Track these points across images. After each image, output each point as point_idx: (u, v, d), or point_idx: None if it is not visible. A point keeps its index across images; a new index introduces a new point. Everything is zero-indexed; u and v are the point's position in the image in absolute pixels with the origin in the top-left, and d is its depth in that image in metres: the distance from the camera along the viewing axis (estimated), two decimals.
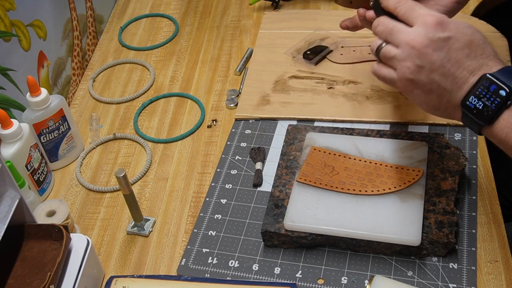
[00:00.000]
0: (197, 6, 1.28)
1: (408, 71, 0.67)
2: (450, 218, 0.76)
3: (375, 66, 0.72)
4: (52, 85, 1.06)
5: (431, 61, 0.66)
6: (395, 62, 0.69)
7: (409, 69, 0.67)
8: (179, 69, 1.12)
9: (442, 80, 0.66)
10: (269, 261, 0.79)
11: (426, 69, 0.66)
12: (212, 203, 0.87)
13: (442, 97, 0.67)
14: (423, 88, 0.67)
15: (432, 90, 0.67)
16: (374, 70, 0.73)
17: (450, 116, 0.69)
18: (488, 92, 0.64)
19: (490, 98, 0.64)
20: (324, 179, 0.82)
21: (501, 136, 0.64)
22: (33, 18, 0.99)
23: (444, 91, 0.67)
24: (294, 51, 1.09)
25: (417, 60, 0.66)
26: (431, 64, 0.66)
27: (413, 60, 0.66)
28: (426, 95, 0.68)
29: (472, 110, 0.65)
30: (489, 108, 0.64)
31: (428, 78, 0.66)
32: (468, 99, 0.65)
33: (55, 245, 0.72)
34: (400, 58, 0.68)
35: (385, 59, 0.70)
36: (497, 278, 0.74)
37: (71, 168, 0.97)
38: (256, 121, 0.98)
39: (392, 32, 0.69)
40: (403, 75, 0.68)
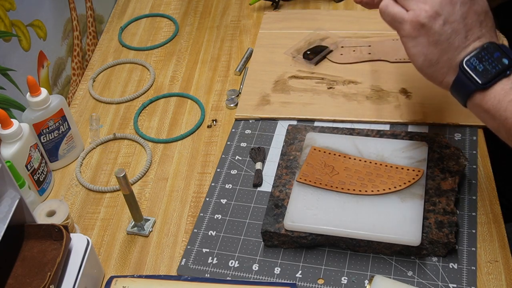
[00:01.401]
0: (197, 6, 1.28)
1: (424, 14, 0.65)
2: (450, 218, 0.76)
3: (386, 1, 0.69)
4: (52, 85, 1.06)
5: (450, 11, 0.65)
6: (412, 3, 0.66)
7: (427, 12, 0.65)
8: (179, 69, 1.12)
9: (452, 34, 0.65)
10: (269, 261, 0.79)
11: (443, 18, 0.65)
12: (212, 203, 0.87)
13: (445, 53, 0.66)
14: (431, 37, 0.66)
15: (438, 42, 0.66)
16: (385, 5, 0.69)
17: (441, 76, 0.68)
18: (491, 58, 0.64)
19: (492, 63, 0.64)
20: (324, 179, 0.82)
21: (492, 102, 0.64)
22: (33, 18, 0.99)
23: (449, 46, 0.66)
24: (294, 51, 1.09)
25: (438, 5, 0.65)
26: (449, 15, 0.65)
27: (434, 5, 0.65)
28: (429, 46, 0.66)
29: (471, 71, 0.65)
30: (488, 72, 0.64)
31: (440, 27, 0.65)
32: (469, 60, 0.65)
33: (55, 245, 0.72)
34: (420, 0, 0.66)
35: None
36: (497, 278, 0.74)
37: (71, 168, 0.97)
38: (256, 121, 0.98)
39: None
40: (416, 18, 0.66)
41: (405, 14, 0.67)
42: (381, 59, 1.05)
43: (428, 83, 0.99)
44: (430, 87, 0.99)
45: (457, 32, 0.65)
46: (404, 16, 0.67)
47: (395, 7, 0.68)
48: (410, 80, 1.00)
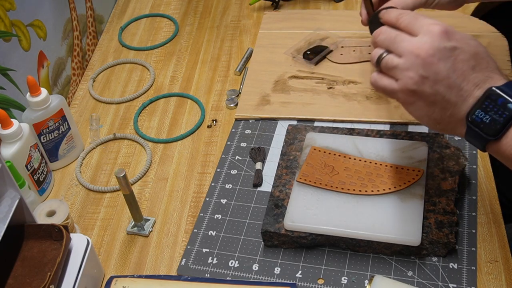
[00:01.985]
0: (197, 6, 1.28)
1: (411, 82, 0.64)
2: (450, 218, 0.76)
3: (374, 76, 0.69)
4: (52, 85, 1.06)
5: (436, 71, 0.63)
6: (397, 72, 0.66)
7: (412, 79, 0.64)
8: (179, 69, 1.12)
9: (447, 91, 0.63)
10: (269, 261, 0.79)
11: (431, 79, 0.63)
12: (212, 203, 0.87)
13: (446, 110, 0.65)
14: (426, 99, 0.65)
15: (436, 102, 0.64)
16: (374, 80, 0.70)
17: (452, 131, 0.67)
18: (496, 106, 0.61)
19: (498, 112, 0.61)
20: (324, 179, 0.82)
21: (509, 151, 0.62)
22: (33, 18, 0.99)
23: (448, 103, 0.64)
24: (294, 51, 1.09)
25: (421, 69, 0.63)
26: (436, 74, 0.63)
27: (417, 70, 0.64)
28: (429, 108, 0.65)
29: (478, 124, 0.63)
30: (497, 122, 0.61)
31: (432, 89, 0.64)
32: (474, 113, 0.63)
33: (55, 245, 0.72)
34: (403, 68, 0.65)
35: (387, 69, 0.67)
36: (497, 278, 0.74)
37: (71, 168, 0.97)
38: (256, 121, 0.98)
39: (395, 41, 0.66)
40: (405, 86, 0.65)
41: (395, 85, 0.67)
42: None
43: None
44: None
45: (451, 87, 0.63)
46: (394, 87, 0.67)
47: (384, 80, 0.68)
48: None
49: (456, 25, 1.09)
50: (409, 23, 0.66)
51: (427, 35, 0.64)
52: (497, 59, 1.02)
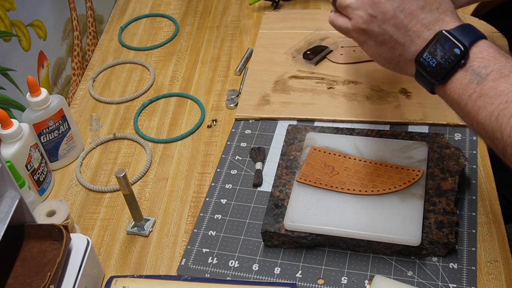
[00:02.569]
0: (197, 6, 1.28)
1: (361, 21, 0.66)
2: (450, 218, 0.76)
3: (331, 16, 0.72)
4: (52, 85, 1.06)
5: (383, 11, 0.64)
6: (349, 11, 0.68)
7: (362, 18, 0.66)
8: (179, 69, 1.12)
9: (394, 31, 0.64)
10: (269, 261, 0.79)
11: (379, 18, 0.65)
12: (212, 203, 0.87)
13: (395, 50, 0.65)
14: (376, 38, 0.66)
15: (384, 42, 0.66)
16: (331, 20, 0.72)
17: (403, 70, 0.67)
18: (443, 49, 0.61)
19: (444, 56, 0.61)
20: (324, 179, 0.82)
21: (453, 96, 0.62)
22: (33, 18, 0.99)
23: (396, 43, 0.65)
24: (294, 51, 1.09)
25: (369, 9, 0.65)
26: (383, 14, 0.64)
27: (366, 9, 0.66)
28: (379, 47, 0.67)
29: (425, 67, 0.63)
30: (442, 66, 0.62)
31: (380, 28, 0.65)
32: (422, 56, 0.63)
33: (55, 245, 0.72)
34: (354, 7, 0.67)
35: (341, 8, 0.70)
36: (497, 278, 0.74)
37: (71, 168, 0.97)
38: (256, 121, 0.98)
39: None
40: (356, 25, 0.67)
41: (348, 24, 0.69)
42: None
43: None
44: None
45: (398, 27, 0.64)
46: (348, 26, 0.69)
47: (339, 19, 0.71)
48: (410, 80, 0.99)
49: None
50: None
51: None
52: None
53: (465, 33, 0.61)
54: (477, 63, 0.60)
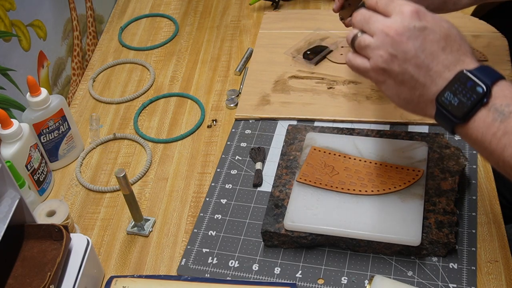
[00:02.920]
0: (197, 6, 1.28)
1: (381, 60, 0.66)
2: (450, 218, 0.76)
3: (349, 56, 0.71)
4: (52, 85, 1.06)
5: (404, 50, 0.64)
6: (368, 51, 0.67)
7: (382, 57, 0.66)
8: (179, 69, 1.12)
9: (415, 71, 0.64)
10: (269, 261, 0.79)
11: (399, 58, 0.64)
12: (212, 203, 0.87)
13: (415, 90, 0.65)
14: (396, 78, 0.66)
15: (405, 82, 0.65)
16: (348, 60, 0.71)
17: (422, 111, 0.67)
18: (465, 88, 0.62)
19: (466, 95, 0.61)
20: (324, 179, 0.82)
21: (476, 136, 0.62)
22: (33, 18, 0.99)
23: (416, 83, 0.65)
24: (294, 51, 1.09)
25: (390, 48, 0.65)
26: (404, 53, 0.64)
27: (387, 48, 0.65)
28: (398, 87, 0.66)
29: (447, 106, 0.63)
30: (464, 105, 0.62)
31: (400, 67, 0.65)
32: (443, 95, 0.63)
33: (55, 245, 0.72)
34: (374, 46, 0.66)
35: (360, 48, 0.69)
36: (497, 278, 0.74)
37: (71, 168, 0.97)
38: (256, 121, 0.98)
39: (369, 21, 0.67)
40: (376, 64, 0.66)
41: (367, 64, 0.68)
42: None
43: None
44: None
45: (420, 67, 0.64)
46: (366, 66, 0.68)
47: (357, 59, 0.69)
48: None
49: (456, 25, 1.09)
50: (385, 5, 0.67)
51: (398, 15, 0.65)
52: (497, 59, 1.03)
53: (486, 73, 0.62)
54: (500, 101, 0.61)
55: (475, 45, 1.04)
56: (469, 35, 1.07)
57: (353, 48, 0.70)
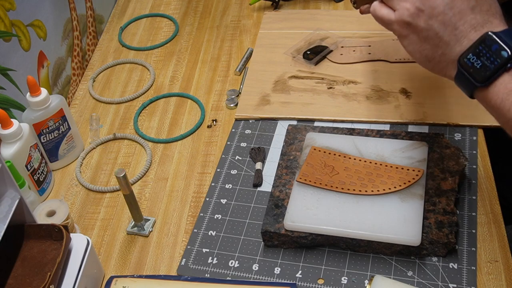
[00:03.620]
0: (197, 6, 1.28)
1: (407, 13, 0.64)
2: (450, 218, 0.76)
3: (374, 5, 0.69)
4: (52, 85, 1.06)
5: (432, 5, 0.62)
6: (395, 2, 0.65)
7: (408, 10, 0.64)
8: (179, 69, 1.12)
9: (441, 28, 0.62)
10: (269, 261, 0.79)
11: (426, 13, 0.63)
12: (212, 203, 0.87)
13: (438, 48, 0.63)
14: (419, 34, 0.64)
15: (428, 38, 0.63)
16: (373, 9, 0.69)
17: (442, 71, 0.65)
18: (489, 51, 0.59)
19: (490, 58, 0.59)
20: (324, 179, 0.82)
21: (495, 101, 0.60)
22: (33, 18, 0.99)
23: (440, 41, 0.63)
24: (294, 51, 1.09)
25: (417, 2, 0.63)
26: (432, 9, 0.62)
27: (414, 2, 0.63)
28: (421, 43, 0.64)
29: (468, 68, 0.61)
30: (487, 68, 0.60)
31: (426, 23, 0.63)
32: (466, 56, 0.61)
33: (55, 245, 0.72)
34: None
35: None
36: (497, 278, 0.74)
37: (71, 168, 0.97)
38: (256, 121, 0.98)
39: None
40: (401, 17, 0.65)
41: (392, 15, 0.66)
42: (381, 59, 1.05)
43: (428, 83, 1.00)
44: (430, 87, 0.99)
45: (445, 25, 0.62)
46: (391, 17, 0.67)
47: (382, 9, 0.68)
48: (410, 80, 1.00)
49: None
50: None
51: None
52: None
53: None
54: None
55: None
56: None
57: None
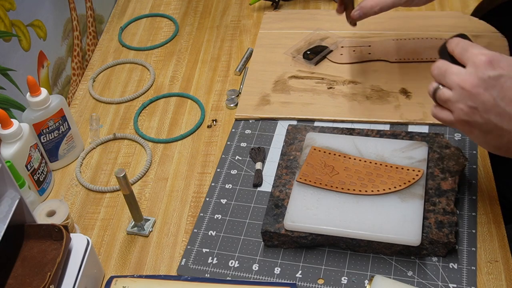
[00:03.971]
0: (197, 6, 1.28)
1: (462, 113, 0.67)
2: (450, 218, 0.76)
3: (433, 110, 0.72)
4: (52, 85, 1.06)
5: (483, 101, 0.65)
6: (449, 104, 0.68)
7: (463, 110, 0.66)
8: (179, 69, 1.12)
9: (498, 120, 0.65)
10: (269, 261, 0.79)
11: (480, 109, 0.65)
12: (212, 203, 0.87)
13: (502, 137, 0.66)
14: (481, 128, 0.66)
15: (490, 131, 0.66)
16: (433, 114, 0.72)
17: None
18: None
19: None
20: (324, 179, 0.82)
21: None
22: (33, 18, 0.99)
23: (502, 131, 0.65)
24: (294, 51, 1.09)
25: (469, 101, 0.65)
26: (483, 104, 0.65)
27: (466, 102, 0.66)
28: (486, 135, 0.67)
29: None
30: None
31: (483, 118, 0.65)
32: None
33: (55, 245, 0.72)
34: (453, 100, 0.67)
35: (441, 101, 0.70)
36: (497, 278, 0.74)
37: (71, 168, 0.97)
38: (256, 121, 0.98)
39: (446, 74, 0.68)
40: (459, 117, 0.67)
41: (451, 117, 0.69)
42: (381, 59, 1.05)
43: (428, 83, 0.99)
44: None
45: (502, 115, 0.64)
46: (451, 119, 0.69)
47: (441, 113, 0.71)
48: (410, 80, 1.00)
49: (456, 25, 1.10)
50: (460, 53, 0.68)
51: (472, 67, 0.65)
52: None
53: None
54: None
55: None
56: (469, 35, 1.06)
57: (435, 101, 0.71)
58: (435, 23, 1.10)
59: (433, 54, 1.03)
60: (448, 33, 1.07)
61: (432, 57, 1.03)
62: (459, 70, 0.67)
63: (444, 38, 1.06)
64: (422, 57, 1.03)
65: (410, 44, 1.06)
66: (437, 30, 1.09)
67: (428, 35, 1.08)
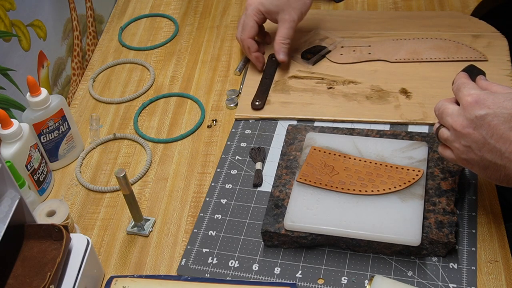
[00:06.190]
0: (197, 6, 1.28)
1: (459, 152, 0.70)
2: (450, 218, 0.76)
3: (439, 148, 0.76)
4: (52, 85, 1.06)
5: (474, 140, 0.68)
6: (448, 143, 0.72)
7: (459, 149, 0.70)
8: (179, 69, 1.12)
9: (491, 156, 0.67)
10: (269, 261, 0.79)
11: (473, 148, 0.68)
12: (212, 203, 0.87)
13: (499, 172, 0.69)
14: (479, 164, 0.69)
15: (487, 166, 0.69)
16: (440, 152, 0.76)
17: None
18: None
19: None
20: (324, 179, 0.82)
21: None
22: (33, 18, 0.99)
23: (497, 166, 0.68)
24: (293, 51, 1.08)
25: (462, 140, 0.69)
26: (476, 143, 0.68)
27: (460, 141, 0.69)
28: (484, 171, 0.70)
29: None
30: None
31: (477, 156, 0.68)
32: None
33: (55, 245, 0.72)
34: (451, 140, 0.71)
35: (443, 140, 0.73)
36: (497, 278, 0.74)
37: (71, 168, 0.97)
38: (256, 121, 0.98)
39: (442, 116, 0.72)
40: (458, 155, 0.71)
41: (453, 155, 0.73)
42: (381, 59, 1.05)
43: (428, 83, 1.00)
44: (430, 87, 0.99)
45: (493, 152, 0.67)
46: (453, 157, 0.73)
47: (445, 152, 0.74)
48: (410, 80, 1.00)
49: (456, 25, 1.10)
50: (455, 94, 0.72)
51: (461, 108, 0.69)
52: (497, 59, 1.03)
53: None
54: None
55: (475, 45, 1.04)
56: (469, 35, 1.07)
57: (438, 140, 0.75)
58: (435, 23, 1.10)
59: (433, 54, 1.03)
60: (448, 33, 1.07)
61: (432, 57, 1.03)
62: (453, 111, 0.71)
63: (444, 38, 1.06)
64: (422, 57, 1.03)
65: (410, 44, 1.06)
66: (437, 30, 1.09)
67: (428, 35, 1.08)
